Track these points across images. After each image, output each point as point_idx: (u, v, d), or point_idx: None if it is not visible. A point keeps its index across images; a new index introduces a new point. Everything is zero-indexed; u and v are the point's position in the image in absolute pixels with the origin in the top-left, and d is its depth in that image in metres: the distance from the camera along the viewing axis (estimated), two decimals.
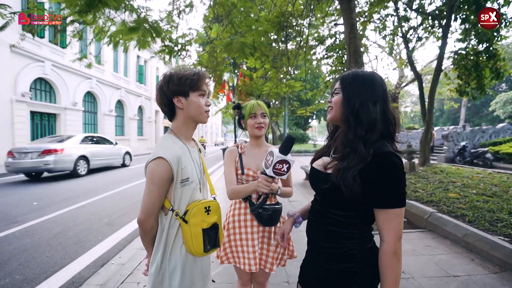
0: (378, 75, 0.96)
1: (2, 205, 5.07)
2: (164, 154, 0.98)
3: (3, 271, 2.68)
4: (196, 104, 1.08)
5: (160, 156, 0.97)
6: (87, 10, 2.82)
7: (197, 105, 1.08)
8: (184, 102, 1.07)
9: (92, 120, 17.73)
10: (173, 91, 1.05)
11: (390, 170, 0.84)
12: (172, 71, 1.08)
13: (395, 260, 0.85)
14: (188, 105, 1.07)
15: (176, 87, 1.05)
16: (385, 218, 0.86)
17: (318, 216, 1.02)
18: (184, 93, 1.06)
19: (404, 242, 3.11)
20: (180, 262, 1.04)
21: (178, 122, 1.11)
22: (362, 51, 8.99)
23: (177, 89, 1.05)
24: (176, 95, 1.06)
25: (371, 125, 0.89)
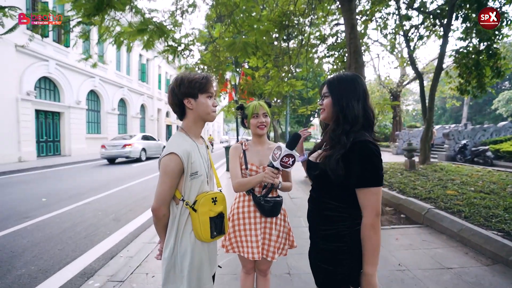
0: (359, 77, 1.13)
1: (11, 201, 5.24)
2: (176, 150, 1.10)
3: (19, 262, 2.82)
4: (204, 105, 1.20)
5: (173, 152, 1.09)
6: (95, 14, 2.93)
7: (205, 106, 1.20)
8: (194, 103, 1.19)
9: (96, 119, 17.92)
10: (183, 93, 1.17)
11: (366, 155, 0.99)
12: (183, 74, 1.20)
13: (371, 232, 1.00)
14: (197, 106, 1.19)
15: (186, 89, 1.17)
16: (363, 196, 1.01)
17: (314, 203, 1.19)
18: (193, 95, 1.18)
19: (402, 237, 3.23)
20: (190, 246, 1.16)
21: (188, 121, 1.23)
22: (363, 49, 9.08)
23: (187, 91, 1.17)
24: (186, 97, 1.18)
25: (355, 120, 1.06)
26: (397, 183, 5.53)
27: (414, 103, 37.27)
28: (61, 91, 14.41)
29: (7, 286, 2.41)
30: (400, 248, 2.96)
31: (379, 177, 1.00)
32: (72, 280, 2.51)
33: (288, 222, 1.67)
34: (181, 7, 7.04)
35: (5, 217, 4.21)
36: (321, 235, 1.14)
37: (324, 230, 1.12)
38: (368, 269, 1.01)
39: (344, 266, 1.07)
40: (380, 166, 1.01)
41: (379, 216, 1.01)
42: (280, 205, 1.57)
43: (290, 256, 2.72)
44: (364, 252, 1.02)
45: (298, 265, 2.60)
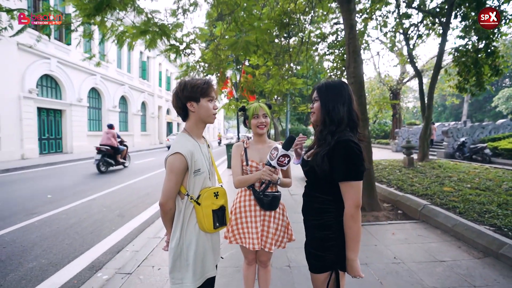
0: (345, 83, 1.28)
1: (18, 197, 5.35)
2: (180, 149, 1.21)
3: (30, 256, 2.94)
4: (206, 108, 1.31)
5: (178, 152, 1.20)
6: (95, 14, 3.02)
7: (206, 109, 1.31)
8: (196, 106, 1.29)
9: (97, 116, 18.00)
10: (186, 97, 1.28)
11: (347, 152, 1.12)
12: (186, 80, 1.30)
13: (352, 221, 1.13)
14: (199, 109, 1.30)
15: (189, 93, 1.27)
16: (344, 189, 1.14)
17: (307, 196, 1.34)
18: (195, 99, 1.28)
19: (399, 232, 3.34)
20: (194, 237, 1.27)
21: (191, 123, 1.34)
22: (363, 47, 9.13)
23: (190, 95, 1.27)
24: (189, 100, 1.28)
25: (340, 121, 1.20)
26: (395, 180, 5.63)
27: (414, 100, 37.27)
28: (62, 88, 14.48)
29: (20, 278, 2.53)
30: (396, 242, 3.07)
31: (358, 172, 1.12)
32: (81, 272, 2.63)
33: (286, 216, 1.78)
34: (182, 6, 7.09)
35: (14, 213, 4.32)
36: (312, 225, 1.29)
37: (314, 220, 1.27)
38: (350, 255, 1.15)
39: (332, 252, 1.21)
40: (360, 163, 1.13)
41: (358, 207, 1.13)
42: (278, 199, 1.68)
43: (290, 249, 2.84)
44: (347, 239, 1.16)
45: (298, 258, 2.71)
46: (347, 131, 1.20)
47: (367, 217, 3.94)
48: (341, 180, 1.14)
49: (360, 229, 1.15)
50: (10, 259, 2.87)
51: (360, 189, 1.15)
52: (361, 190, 1.15)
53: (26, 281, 2.48)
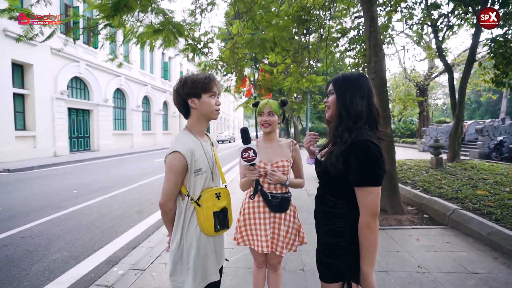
0: (364, 75, 1.16)
1: (47, 192, 5.70)
2: (179, 148, 1.15)
3: (54, 248, 3.09)
4: (208, 104, 1.25)
5: (176, 150, 1.15)
6: (113, 15, 3.09)
7: (208, 105, 1.25)
8: (197, 102, 1.24)
9: (121, 115, 18.83)
10: (187, 93, 1.22)
11: (365, 154, 1.00)
12: (186, 76, 1.25)
13: (367, 231, 1.01)
14: (200, 105, 1.24)
15: (190, 89, 1.22)
16: (360, 195, 1.03)
17: (319, 199, 1.23)
18: (197, 94, 1.22)
19: (424, 238, 3.10)
20: (195, 239, 1.21)
21: (192, 120, 1.28)
22: (387, 42, 8.67)
23: (190, 91, 1.22)
24: (190, 97, 1.23)
25: (358, 116, 1.08)
26: (421, 182, 5.28)
27: (444, 97, 35.00)
28: (90, 90, 15.29)
29: (44, 269, 2.65)
30: (421, 249, 2.85)
31: (377, 177, 1.01)
32: (98, 266, 2.71)
33: (298, 218, 1.68)
34: (200, 6, 7.15)
35: (42, 207, 4.60)
36: (323, 230, 1.19)
37: (325, 225, 1.17)
38: (364, 267, 1.04)
39: (343, 260, 1.10)
40: (379, 166, 1.01)
41: (376, 216, 1.02)
42: (288, 201, 1.59)
43: (305, 252, 2.73)
44: (361, 250, 1.04)
45: (312, 262, 2.59)
46: (365, 129, 1.08)
47: (389, 221, 3.71)
48: (357, 185, 1.03)
49: (376, 240, 1.03)
50: (37, 250, 3.03)
51: (378, 195, 1.02)
52: (379, 197, 1.03)
53: (49, 272, 2.59)
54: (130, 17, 4.55)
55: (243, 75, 9.79)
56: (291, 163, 1.62)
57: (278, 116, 1.64)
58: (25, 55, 11.08)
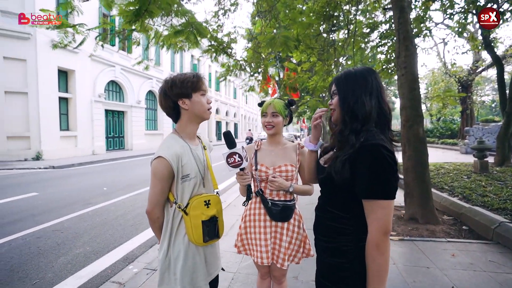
0: (370, 69, 1.00)
1: (80, 189, 6.13)
2: (163, 153, 1.09)
3: (79, 242, 3.27)
4: (200, 103, 1.17)
5: (160, 156, 1.08)
6: (135, 20, 3.18)
7: (200, 104, 1.17)
8: (188, 103, 1.16)
9: (153, 116, 19.82)
10: (177, 94, 1.15)
11: (376, 161, 0.85)
12: (173, 76, 1.17)
13: (376, 252, 0.86)
14: (192, 105, 1.16)
15: (179, 90, 1.14)
16: (369, 209, 0.88)
17: (320, 211, 1.08)
18: (187, 94, 1.15)
19: (461, 254, 2.74)
20: (183, 249, 1.14)
21: (183, 122, 1.21)
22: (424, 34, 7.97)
23: (180, 91, 1.14)
24: (180, 97, 1.15)
25: (366, 118, 0.94)
26: (461, 188, 4.73)
27: (493, 93, 31.50)
28: (124, 92, 16.31)
29: (67, 262, 2.81)
30: (457, 267, 2.51)
31: (390, 188, 0.86)
32: (116, 263, 2.80)
33: (304, 229, 1.54)
34: (223, 7, 7.20)
35: (74, 202, 4.94)
36: (323, 247, 1.04)
37: (326, 242, 1.01)
38: None
39: (347, 285, 0.94)
40: (392, 176, 0.85)
41: (387, 234, 0.86)
42: (291, 209, 1.46)
43: None
44: (368, 273, 0.89)
45: None
46: (376, 131, 0.93)
47: (419, 231, 3.35)
48: (366, 197, 0.88)
49: (387, 263, 0.87)
50: (64, 244, 3.23)
51: (391, 210, 0.87)
52: (391, 212, 0.87)
53: (71, 266, 2.74)
54: (153, 21, 4.70)
55: (267, 74, 9.70)
56: (296, 167, 1.48)
57: (284, 117, 1.50)
58: (69, 62, 12.14)
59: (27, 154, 10.71)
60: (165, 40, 4.99)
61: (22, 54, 10.51)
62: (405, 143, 3.70)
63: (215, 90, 30.86)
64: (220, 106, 32.18)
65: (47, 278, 2.52)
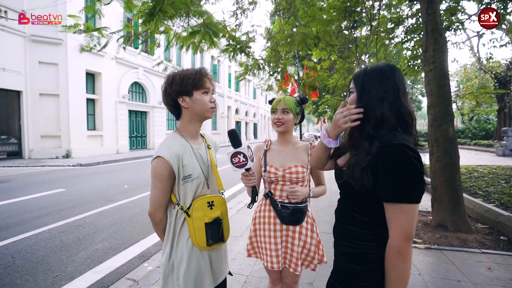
0: (393, 66, 0.91)
1: (104, 185, 6.39)
2: (163, 153, 1.04)
3: (98, 238, 3.38)
4: (201, 102, 1.10)
5: (159, 155, 1.03)
6: (149, 20, 3.22)
7: (201, 103, 1.11)
8: (189, 101, 1.10)
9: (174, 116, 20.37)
10: (177, 91, 1.09)
11: (399, 161, 0.78)
12: (175, 72, 1.12)
13: (398, 260, 0.80)
14: (192, 104, 1.10)
15: (179, 87, 1.08)
16: (391, 213, 0.81)
17: (340, 215, 1.01)
18: (187, 92, 1.09)
19: (499, 268, 2.49)
20: (186, 253, 1.08)
21: (184, 120, 1.15)
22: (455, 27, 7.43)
23: (180, 89, 1.08)
24: (180, 95, 1.10)
25: (378, 121, 0.86)
26: (498, 194, 4.32)
27: None
28: (147, 93, 16.90)
29: (87, 257, 2.90)
30: (493, 282, 2.25)
31: (415, 191, 0.78)
32: (131, 260, 2.84)
33: (317, 233, 1.43)
34: (241, 6, 7.18)
35: (97, 199, 5.14)
36: (343, 252, 0.97)
37: (346, 247, 0.94)
38: None
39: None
40: (417, 178, 0.77)
41: (410, 240, 0.80)
42: (302, 212, 1.37)
43: None
44: (388, 282, 0.82)
45: None
46: (398, 131, 0.86)
47: (449, 239, 3.09)
48: (388, 200, 0.81)
49: (409, 272, 0.80)
50: (85, 239, 3.35)
51: (415, 215, 0.79)
52: (416, 217, 0.79)
53: (90, 261, 2.82)
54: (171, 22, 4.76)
55: (285, 73, 9.57)
56: (308, 169, 1.39)
57: (295, 115, 1.41)
58: (96, 65, 12.78)
59: (58, 152, 11.42)
60: (183, 41, 5.06)
61: (54, 59, 11.23)
62: (433, 144, 3.43)
63: (234, 90, 31.11)
64: (240, 106, 32.38)
65: (67, 271, 2.61)
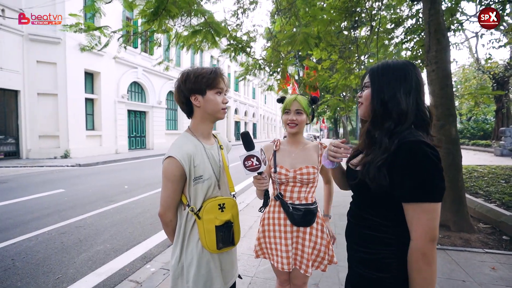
0: (411, 63, 0.90)
1: (104, 186, 6.35)
2: (174, 153, 1.02)
3: (99, 239, 3.34)
4: (213, 102, 1.09)
5: (171, 155, 1.02)
6: (153, 19, 3.19)
7: (214, 103, 1.09)
8: (201, 100, 1.09)
9: (173, 116, 20.30)
10: (190, 89, 1.08)
11: (417, 159, 0.76)
12: (190, 69, 1.10)
13: (422, 262, 0.76)
14: (205, 103, 1.09)
15: (193, 85, 1.07)
16: (412, 213, 0.78)
17: (354, 218, 0.97)
18: (200, 91, 1.08)
19: (503, 268, 2.51)
20: (196, 256, 1.07)
21: (196, 120, 1.14)
22: (455, 28, 7.45)
23: (193, 87, 1.07)
24: (193, 93, 1.09)
25: (402, 117, 0.84)
26: (499, 194, 4.33)
27: None
28: (146, 93, 16.82)
29: (88, 258, 2.87)
30: (498, 282, 2.25)
31: (435, 189, 0.76)
32: (133, 262, 2.82)
33: (327, 233, 1.42)
34: (242, 6, 7.16)
35: (97, 199, 5.10)
36: (359, 258, 0.92)
37: (363, 253, 0.90)
38: None
39: None
40: (438, 175, 0.75)
41: (434, 242, 0.76)
42: (313, 214, 1.36)
43: (343, 268, 2.40)
44: (412, 285, 0.78)
45: None
46: (414, 129, 0.83)
47: (452, 239, 3.09)
48: (408, 200, 0.78)
49: (435, 275, 0.76)
50: (86, 240, 3.32)
51: (438, 214, 0.76)
52: (438, 217, 0.77)
53: (92, 262, 2.79)
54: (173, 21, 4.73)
55: (286, 73, 9.56)
56: (318, 169, 1.38)
57: (307, 116, 1.41)
58: (95, 64, 12.70)
59: (56, 152, 11.34)
60: (184, 40, 5.03)
61: (53, 58, 11.14)
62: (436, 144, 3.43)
63: (234, 90, 31.07)
64: (239, 106, 32.35)
65: (69, 273, 2.58)
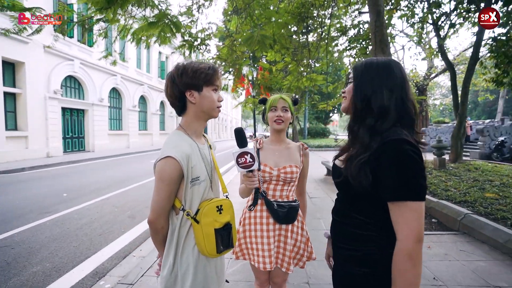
0: (395, 61, 0.91)
1: (36, 195, 5.42)
2: (173, 153, 0.94)
3: (35, 259, 2.83)
4: (210, 99, 1.04)
5: (169, 155, 0.93)
6: (107, 7, 2.86)
7: (210, 100, 1.04)
8: (197, 96, 1.02)
9: (117, 115, 18.50)
10: (186, 84, 1.00)
11: (400, 157, 0.76)
12: (187, 63, 1.03)
13: (408, 263, 0.74)
14: (201, 100, 1.03)
15: (190, 80, 1.00)
16: (397, 213, 0.77)
17: (339, 216, 0.98)
18: (197, 87, 1.01)
19: (435, 245, 2.90)
20: (192, 263, 1.00)
21: (189, 117, 1.07)
22: (390, 41, 8.52)
23: (190, 82, 1.00)
24: (189, 89, 1.01)
25: (383, 113, 0.84)
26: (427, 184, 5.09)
27: (442, 97, 35.08)
28: (85, 89, 14.96)
29: (22, 283, 2.40)
30: (434, 258, 2.65)
31: (419, 187, 0.76)
32: (83, 280, 2.47)
33: (306, 231, 1.47)
34: (197, 2, 6.92)
35: (28, 212, 4.33)
36: (344, 255, 0.92)
37: (349, 250, 0.90)
38: None
39: None
40: (420, 174, 0.77)
41: (420, 242, 0.75)
42: (296, 211, 1.40)
43: (310, 263, 2.50)
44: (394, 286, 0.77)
45: (317, 274, 2.38)
46: (398, 127, 0.83)
47: None
48: (393, 199, 0.78)
49: (419, 278, 0.75)
50: (16, 262, 2.78)
51: (422, 213, 0.76)
52: (423, 216, 0.77)
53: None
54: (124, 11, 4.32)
55: (241, 73, 9.59)
56: (300, 169, 1.41)
57: (292, 114, 1.44)
58: (17, 53, 10.75)
59: None
60: (136, 33, 4.62)
61: None
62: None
63: None
64: None
65: None
